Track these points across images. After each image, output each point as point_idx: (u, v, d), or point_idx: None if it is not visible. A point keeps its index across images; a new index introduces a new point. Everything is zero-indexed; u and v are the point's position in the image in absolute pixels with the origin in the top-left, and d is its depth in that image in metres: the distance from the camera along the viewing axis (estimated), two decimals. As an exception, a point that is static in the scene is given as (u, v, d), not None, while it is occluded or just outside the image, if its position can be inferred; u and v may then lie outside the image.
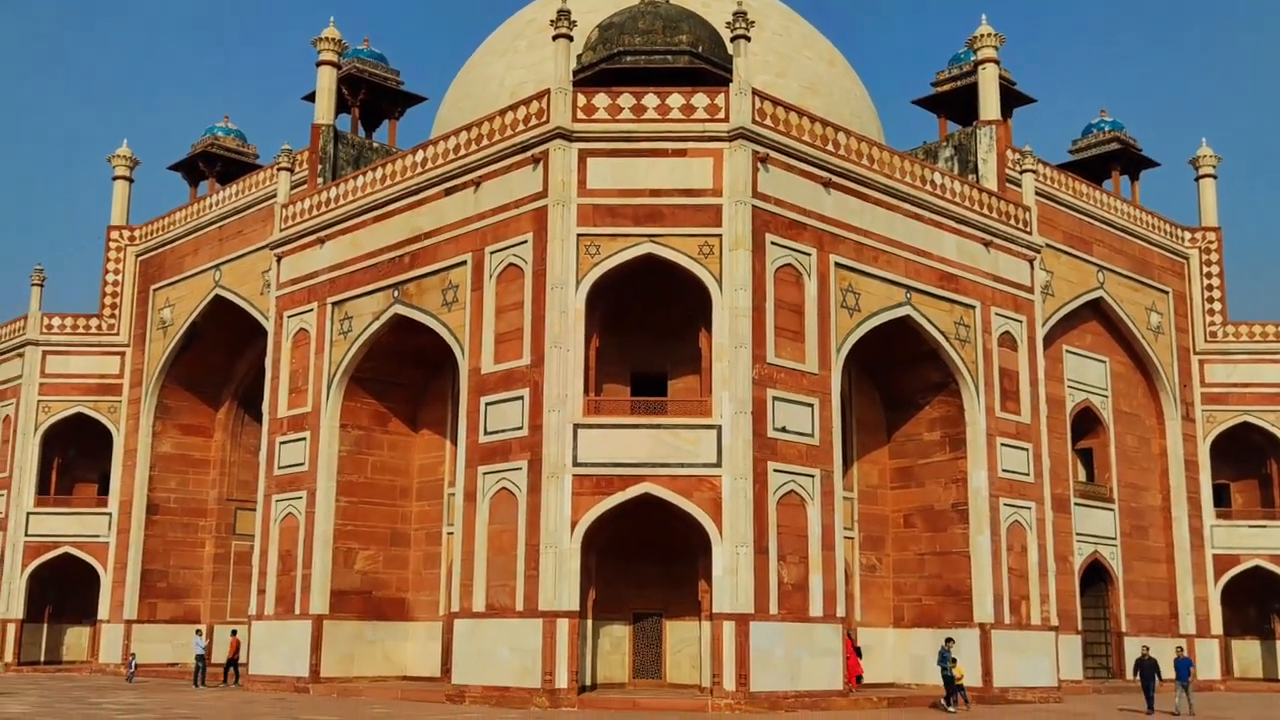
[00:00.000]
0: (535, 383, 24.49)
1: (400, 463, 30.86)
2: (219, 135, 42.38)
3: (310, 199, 31.66)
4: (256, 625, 30.76)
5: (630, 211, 24.76)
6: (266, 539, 30.74)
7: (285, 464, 30.63)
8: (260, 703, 25.44)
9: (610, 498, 23.80)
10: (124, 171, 43.16)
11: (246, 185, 37.28)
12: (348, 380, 29.78)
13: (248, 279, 36.12)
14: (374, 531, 30.04)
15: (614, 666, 26.68)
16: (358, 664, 29.10)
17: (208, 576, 39.41)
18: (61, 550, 40.14)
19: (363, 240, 29.52)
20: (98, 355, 41.26)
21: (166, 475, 39.41)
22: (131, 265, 41.46)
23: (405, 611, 30.32)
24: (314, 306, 30.60)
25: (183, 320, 38.89)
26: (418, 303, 27.91)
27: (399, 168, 28.98)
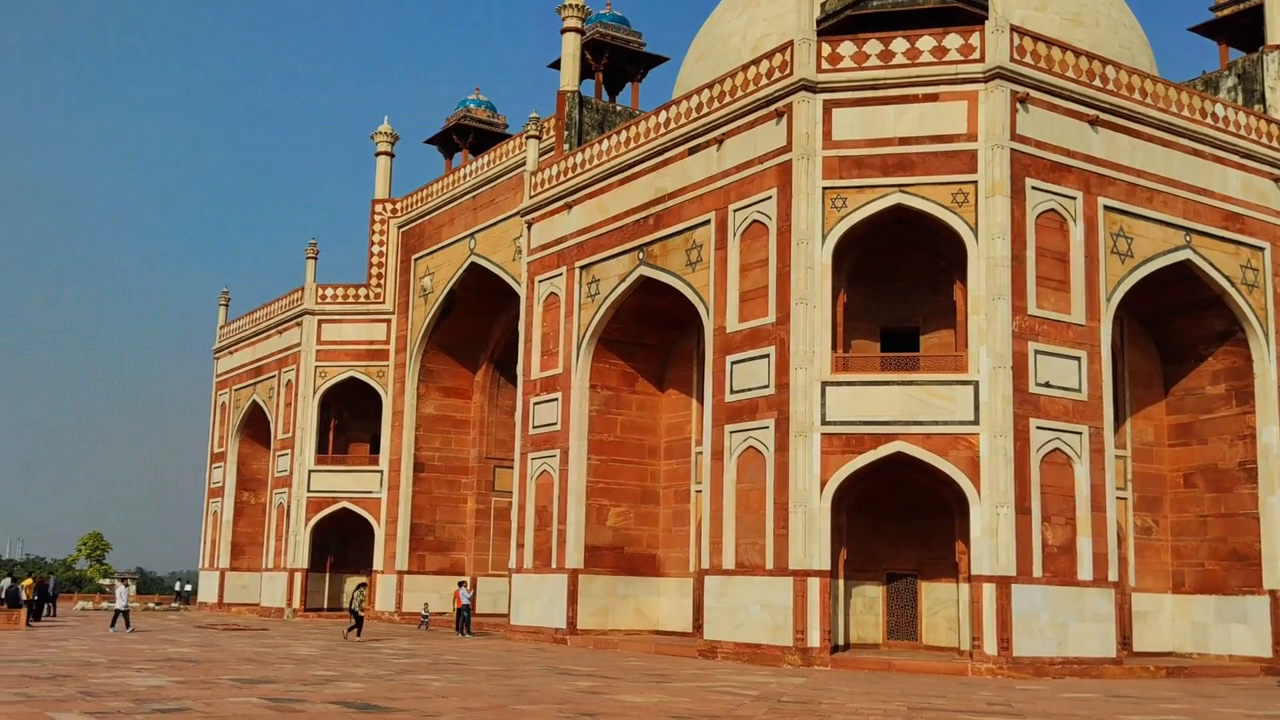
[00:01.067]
0: (781, 340, 24.29)
1: (648, 422, 31.32)
2: (471, 108, 43.91)
3: (557, 165, 32.38)
4: (516, 578, 31.99)
5: (878, 162, 24.10)
6: (524, 495, 31.87)
7: (539, 424, 31.62)
8: (521, 652, 26.45)
9: (860, 456, 23.39)
10: (385, 147, 45.46)
11: (497, 155, 38.51)
12: (596, 342, 30.40)
13: (500, 246, 37.39)
14: (625, 489, 30.65)
15: (867, 627, 26.32)
16: (612, 617, 29.85)
17: (470, 531, 41.35)
18: (339, 505, 43.06)
19: (608, 204, 29.97)
20: (366, 322, 43.83)
21: (431, 435, 41.51)
22: (394, 236, 43.67)
23: (656, 567, 30.87)
24: (563, 271, 31.35)
25: (441, 288, 40.68)
26: (662, 264, 28.14)
27: (642, 129, 29.21)
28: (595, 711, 14.39)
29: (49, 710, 13.28)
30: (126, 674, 18.47)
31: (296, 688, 16.69)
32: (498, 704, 15.16)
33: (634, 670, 21.53)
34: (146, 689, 16.11)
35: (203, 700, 14.68)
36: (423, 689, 17.02)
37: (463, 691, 16.79)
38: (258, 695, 15.49)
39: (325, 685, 17.18)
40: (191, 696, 15.14)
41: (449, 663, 22.52)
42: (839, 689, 18.53)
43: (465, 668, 21.35)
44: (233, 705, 14.24)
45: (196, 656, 22.70)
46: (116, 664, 20.47)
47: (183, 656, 22.67)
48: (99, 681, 17.02)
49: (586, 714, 14.09)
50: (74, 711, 13.27)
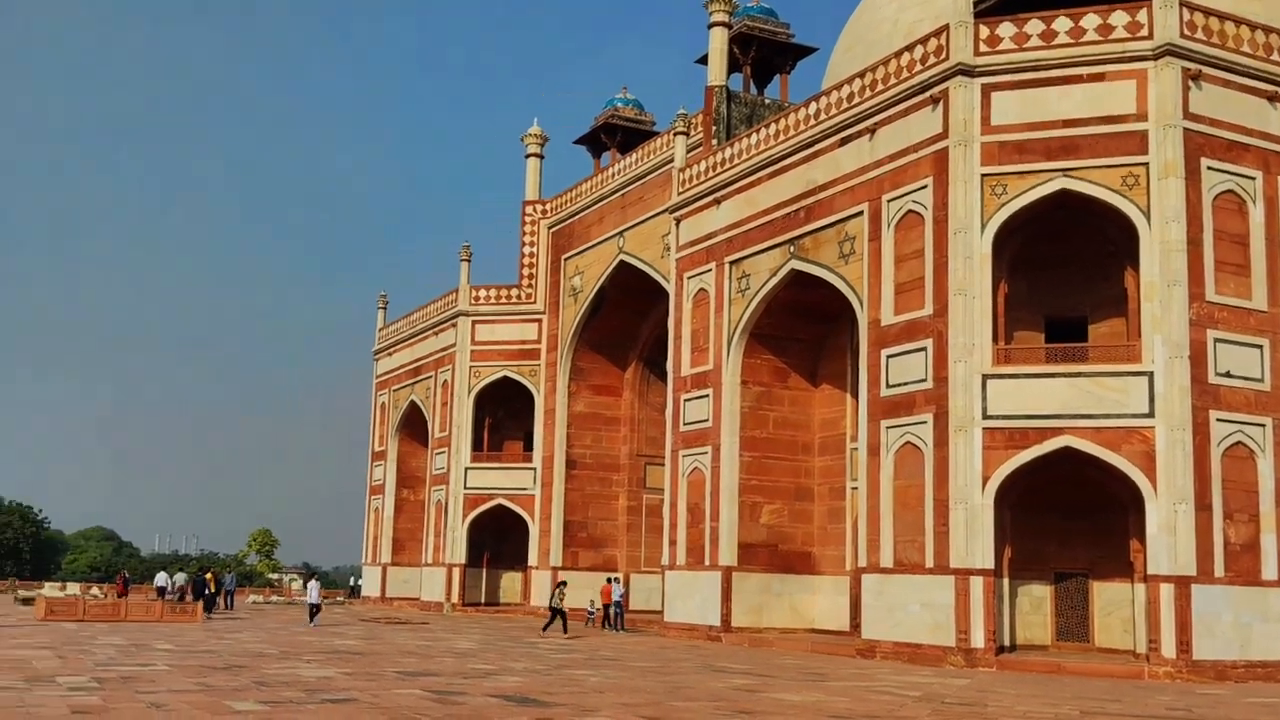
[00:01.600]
0: (939, 333, 23.61)
1: (801, 418, 30.89)
2: (618, 106, 44.10)
3: (705, 161, 32.20)
4: (669, 575, 31.94)
5: (1040, 146, 23.19)
6: (675, 492, 31.80)
7: (690, 420, 31.50)
8: (675, 649, 26.38)
9: (1025, 451, 22.55)
10: (535, 149, 46.04)
11: (645, 153, 38.55)
12: (747, 337, 30.12)
13: (649, 243, 37.42)
14: (777, 486, 30.30)
15: (1034, 628, 25.36)
16: (766, 615, 29.53)
17: (623, 528, 41.52)
18: (495, 502, 43.80)
19: (758, 198, 29.66)
20: (518, 322, 44.47)
21: (582, 432, 41.84)
22: (544, 237, 44.17)
23: (811, 565, 30.42)
24: (712, 266, 31.16)
25: (591, 286, 40.95)
26: (814, 256, 27.70)
27: (792, 122, 28.81)
28: (752, 709, 14.19)
29: (226, 699, 13.76)
30: (297, 665, 19.07)
31: (457, 681, 16.97)
32: (654, 700, 15.10)
33: (790, 669, 21.23)
34: (316, 680, 16.60)
35: (369, 692, 15.03)
36: (579, 684, 17.08)
37: (619, 687, 16.79)
38: (420, 687, 15.80)
39: (484, 679, 17.41)
40: (358, 688, 15.52)
41: (605, 658, 22.60)
42: (1005, 691, 17.91)
43: (621, 664, 21.39)
44: (397, 697, 14.54)
45: (362, 649, 23.34)
46: (287, 655, 21.16)
47: (349, 649, 23.33)
48: (271, 672, 17.61)
49: (743, 712, 13.90)
50: (249, 700, 13.74)
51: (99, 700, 13.39)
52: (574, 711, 13.50)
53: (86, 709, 12.62)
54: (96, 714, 12.24)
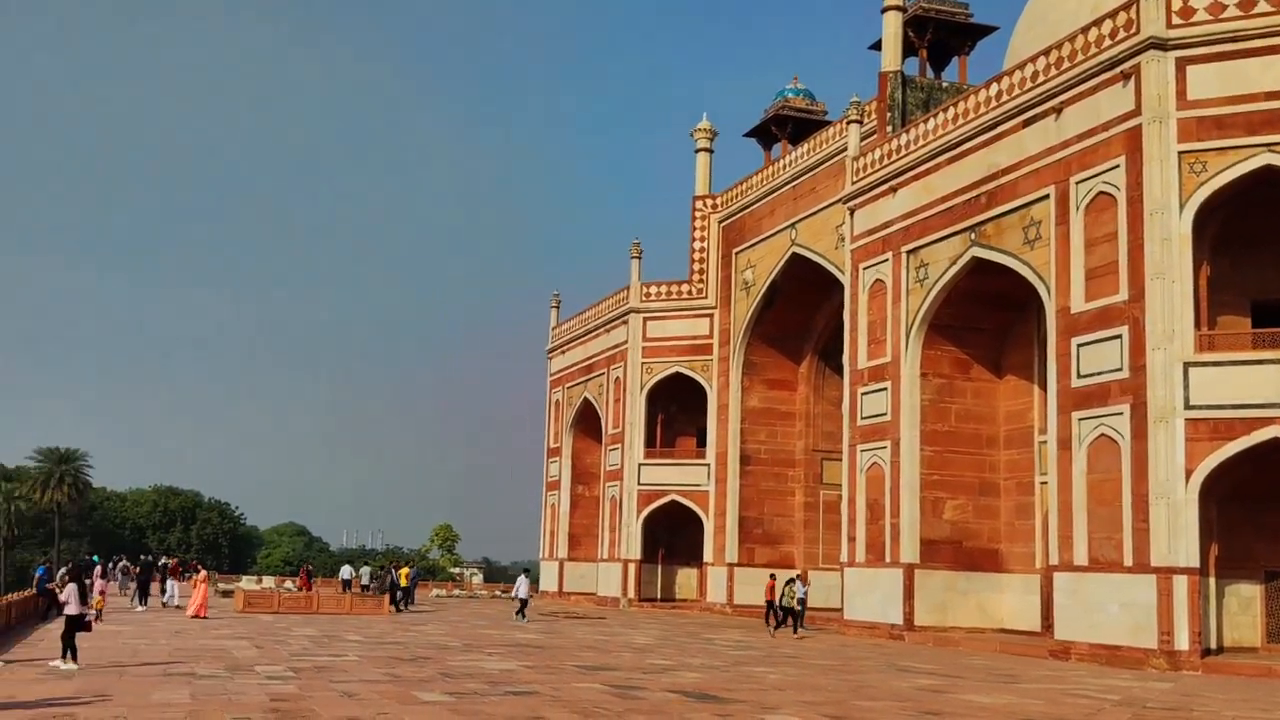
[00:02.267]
0: (1135, 319, 22.45)
1: (984, 410, 29.89)
2: (789, 97, 43.56)
3: (880, 148, 31.48)
4: (848, 572, 31.36)
5: (1241, 120, 21.83)
6: (853, 488, 31.20)
7: (868, 414, 30.85)
8: (856, 647, 25.88)
9: (1232, 443, 21.25)
10: (705, 144, 45.91)
11: (817, 143, 37.96)
12: (926, 328, 29.31)
13: (822, 235, 36.82)
14: (961, 480, 29.39)
15: (1243, 629, 23.85)
16: (951, 614, 28.67)
17: (799, 524, 40.99)
18: (669, 498, 43.82)
19: (935, 184, 28.82)
20: (689, 318, 44.37)
21: (756, 428, 41.47)
22: (715, 231, 43.98)
23: (998, 562, 29.39)
24: (888, 256, 30.44)
25: (763, 280, 40.57)
26: (996, 243, 26.75)
27: (971, 104, 27.88)
28: (939, 711, 13.76)
29: (414, 690, 14.10)
30: (480, 658, 19.45)
31: (636, 675, 16.99)
32: (836, 699, 14.81)
33: (978, 669, 20.54)
34: (499, 672, 16.89)
35: (550, 685, 15.17)
36: (758, 681, 16.89)
37: (799, 685, 16.54)
38: (600, 682, 15.87)
39: (663, 674, 17.39)
40: (539, 681, 15.69)
41: (784, 656, 22.33)
42: (1212, 695, 16.92)
43: (800, 661, 21.08)
44: (578, 691, 14.62)
45: (542, 643, 23.66)
46: (470, 648, 21.62)
47: (529, 643, 23.69)
48: (456, 664, 18.01)
49: (930, 713, 13.49)
50: (436, 691, 14.05)
51: (295, 689, 13.90)
52: (754, 709, 13.33)
53: (284, 697, 13.12)
54: (293, 702, 12.70)
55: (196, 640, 21.59)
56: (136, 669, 16.04)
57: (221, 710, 11.92)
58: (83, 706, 11.85)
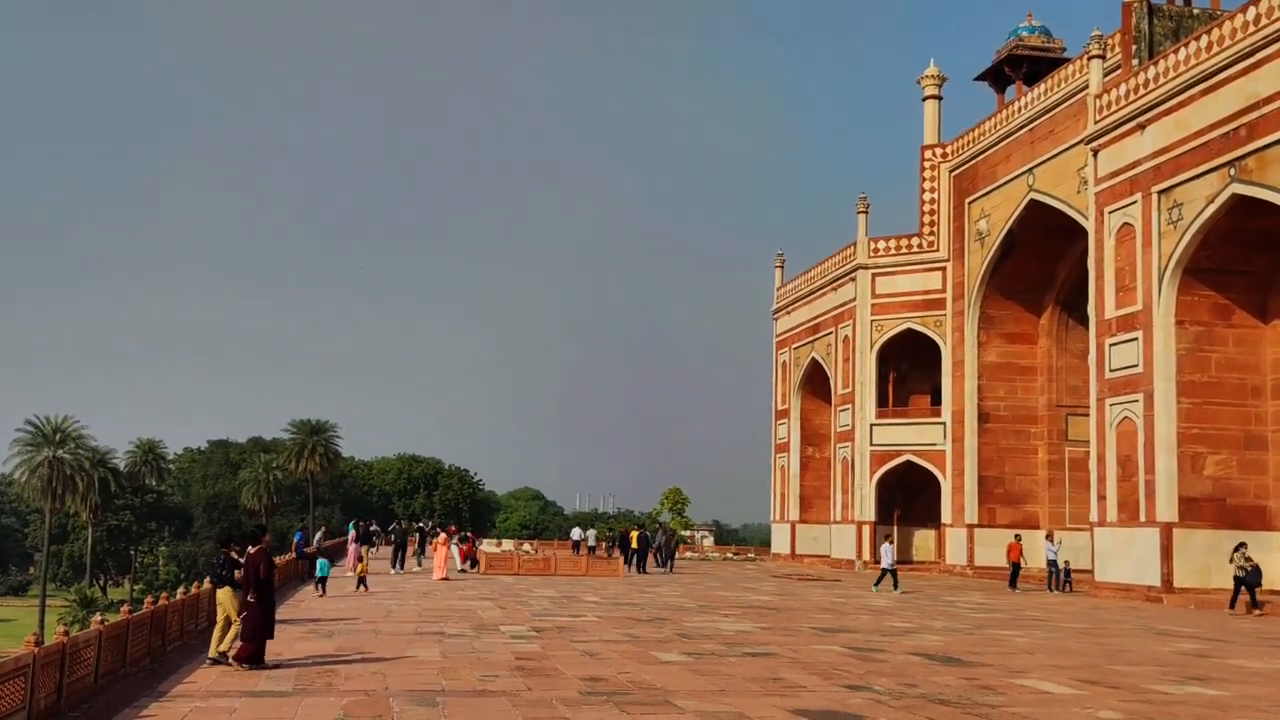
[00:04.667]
0: None
1: (1249, 358, 27.83)
2: (1024, 35, 41.52)
3: (1126, 84, 29.60)
4: (1099, 532, 29.89)
5: None
6: (1102, 444, 29.67)
7: (1116, 366, 29.24)
8: (1109, 610, 24.72)
9: None
10: (933, 91, 44.39)
11: (1054, 82, 36.08)
12: (1180, 273, 27.49)
13: (1062, 179, 35.05)
14: (1223, 434, 27.49)
15: None
16: (1216, 575, 26.87)
17: (1043, 483, 39.39)
18: (903, 459, 42.91)
19: (1188, 119, 26.90)
20: (920, 273, 43.15)
21: (994, 384, 40.04)
22: (945, 181, 42.53)
23: (1267, 520, 27.40)
24: (1137, 198, 28.65)
25: (998, 229, 38.99)
26: (1260, 179, 24.76)
27: (1227, 31, 25.85)
28: (1204, 675, 12.99)
29: (652, 650, 14.32)
30: (715, 619, 19.56)
31: (875, 638, 16.72)
32: (1089, 663, 14.15)
33: (1246, 633, 19.26)
34: (734, 633, 16.95)
35: (788, 646, 15.09)
36: (1005, 644, 16.35)
37: (1048, 648, 15.91)
38: (839, 644, 15.70)
39: (904, 637, 17.05)
40: (776, 642, 15.63)
41: (1030, 619, 21.56)
42: None
43: (1049, 625, 20.29)
44: (816, 652, 14.49)
45: (776, 605, 23.62)
46: (705, 609, 21.77)
47: (764, 604, 23.69)
48: (692, 625, 18.18)
49: (1195, 678, 12.74)
50: (674, 652, 14.22)
51: (538, 648, 14.33)
52: (1002, 672, 12.90)
53: (528, 655, 13.54)
54: (537, 660, 13.08)
55: (443, 601, 22.51)
56: (390, 628, 16.82)
57: (471, 668, 12.37)
58: (344, 665, 12.51)
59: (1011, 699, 10.83)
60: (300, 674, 11.73)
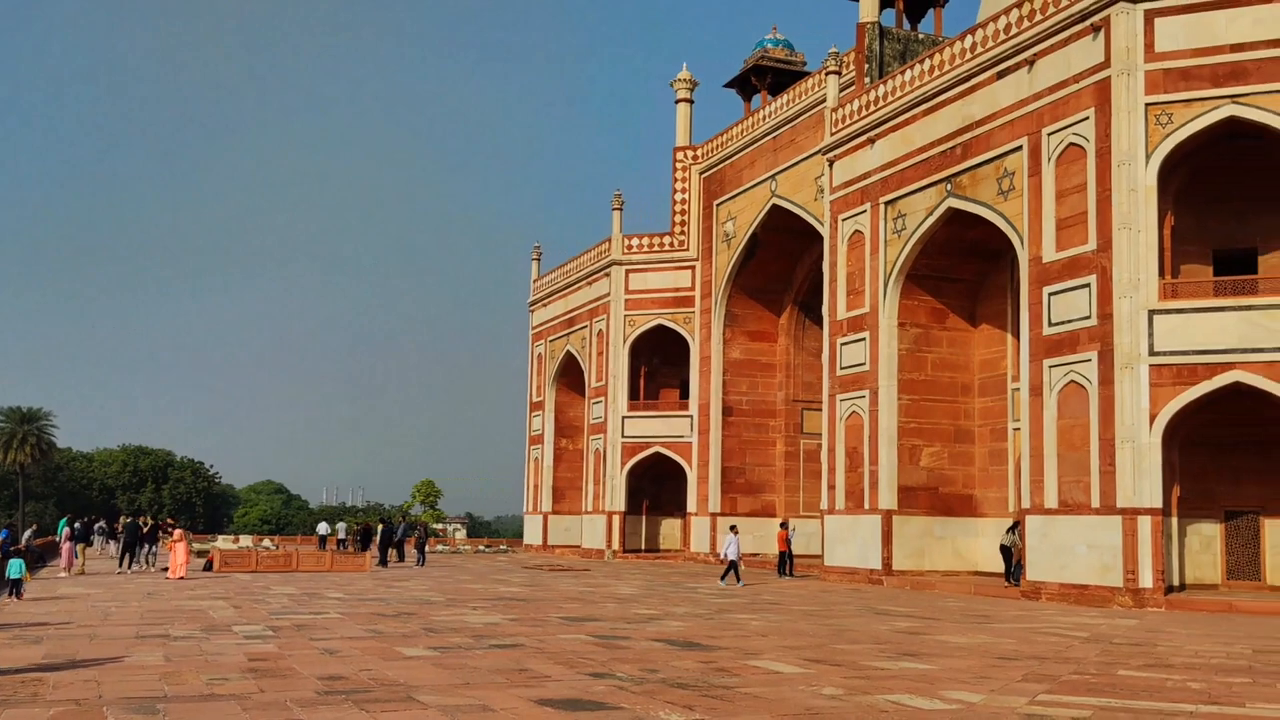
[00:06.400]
0: (1103, 268, 22.96)
1: (960, 359, 30.46)
2: (769, 47, 43.62)
3: (859, 99, 31.75)
4: (829, 519, 32.02)
5: (1206, 72, 22.23)
6: (833, 437, 31.79)
7: (847, 364, 31.38)
8: (837, 592, 26.52)
9: (1193, 388, 21.88)
10: (685, 94, 45.95)
11: (796, 94, 38.17)
12: (903, 278, 29.77)
13: (802, 186, 37.15)
14: (937, 428, 30.02)
15: (1204, 567, 24.70)
16: (928, 558, 29.42)
17: (780, 473, 41.68)
18: (652, 450, 44.43)
19: (913, 135, 29.16)
20: (671, 270, 44.72)
21: (738, 379, 42.04)
22: (696, 183, 44.22)
23: (973, 507, 30.12)
24: (867, 207, 30.82)
25: (744, 232, 40.90)
26: (971, 194, 27.15)
27: (947, 56, 28.16)
28: (917, 651, 14.26)
29: (397, 645, 14.32)
30: (463, 612, 19.72)
31: (621, 625, 17.35)
32: (817, 643, 15.26)
33: (953, 611, 21.18)
34: (482, 626, 17.14)
35: (535, 637, 15.50)
36: (741, 628, 17.33)
37: (781, 631, 17.00)
38: (585, 633, 16.20)
39: (648, 624, 17.79)
40: (524, 633, 16.00)
41: (766, 603, 22.88)
42: (1175, 630, 17.57)
43: (782, 607, 21.64)
44: (563, 641, 14.96)
45: (526, 595, 24.03)
46: (454, 602, 21.92)
47: (514, 595, 24.04)
48: (440, 619, 18.21)
49: (908, 654, 13.99)
50: (419, 646, 14.22)
51: (274, 648, 13.88)
52: (737, 655, 13.75)
53: (263, 656, 13.07)
54: (273, 661, 12.68)
55: (170, 602, 21.34)
56: (109, 632, 15.83)
57: (198, 671, 11.76)
58: (53, 672, 11.61)
59: (745, 680, 11.61)
60: (0, 684, 10.81)
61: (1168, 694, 10.88)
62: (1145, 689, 11.18)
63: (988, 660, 13.49)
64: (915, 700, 10.26)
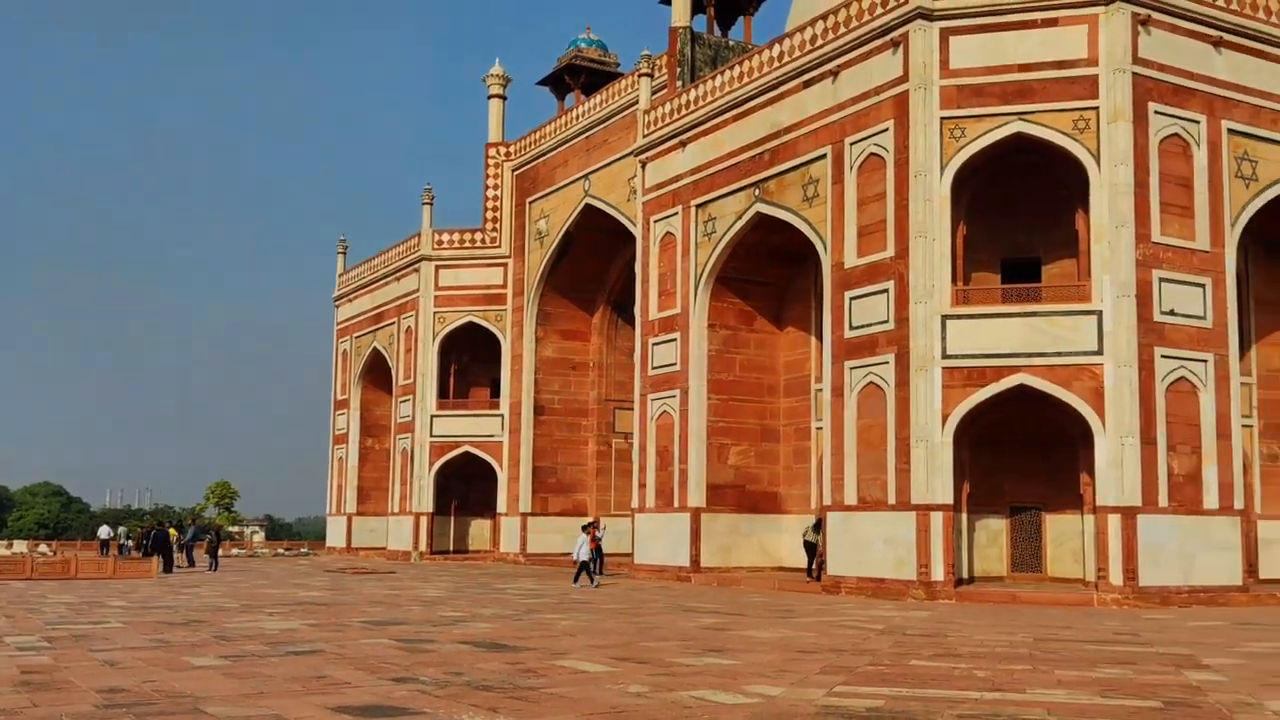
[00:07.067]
0: (900, 275, 23.92)
1: (767, 360, 31.23)
2: (582, 47, 43.75)
3: (670, 103, 32.16)
4: (639, 517, 32.35)
5: (997, 90, 23.43)
6: (644, 436, 32.12)
7: (658, 365, 31.75)
8: (646, 590, 26.79)
9: (982, 390, 23.02)
10: (498, 90, 45.61)
11: (609, 95, 38.39)
12: (714, 280, 30.31)
13: (615, 187, 37.41)
14: (744, 427, 30.70)
15: (991, 560, 26.05)
16: (735, 555, 30.05)
17: (592, 472, 41.88)
18: (462, 450, 43.96)
19: (723, 140, 29.71)
20: (483, 267, 44.34)
21: (550, 378, 42.02)
22: (509, 180, 43.97)
23: (778, 504, 30.93)
24: (678, 210, 31.25)
25: (557, 230, 40.92)
26: (778, 200, 27.85)
27: (756, 64, 28.81)
28: (722, 647, 14.50)
29: (185, 655, 13.56)
30: (259, 618, 18.94)
31: (426, 629, 17.05)
32: (624, 641, 15.34)
33: (758, 606, 21.66)
34: (280, 632, 16.50)
35: (335, 643, 15.02)
36: (550, 628, 17.29)
37: (589, 630, 17.03)
38: (389, 636, 15.82)
39: (454, 626, 17.56)
40: (324, 639, 15.49)
41: (575, 602, 22.90)
42: (963, 621, 18.40)
43: (591, 606, 21.70)
44: (364, 647, 14.55)
45: (327, 600, 23.32)
46: (249, 608, 21.08)
47: (314, 600, 23.30)
48: (233, 626, 17.40)
49: (713, 649, 14.21)
50: (209, 655, 13.52)
51: (50, 660, 13.05)
52: (545, 655, 13.69)
53: (37, 669, 12.25)
54: (48, 673, 11.90)
55: None
56: None
57: None
58: None
59: (551, 680, 11.53)
60: None
61: (955, 682, 11.35)
62: (935, 678, 11.65)
63: (788, 654, 13.82)
64: (718, 695, 10.42)
